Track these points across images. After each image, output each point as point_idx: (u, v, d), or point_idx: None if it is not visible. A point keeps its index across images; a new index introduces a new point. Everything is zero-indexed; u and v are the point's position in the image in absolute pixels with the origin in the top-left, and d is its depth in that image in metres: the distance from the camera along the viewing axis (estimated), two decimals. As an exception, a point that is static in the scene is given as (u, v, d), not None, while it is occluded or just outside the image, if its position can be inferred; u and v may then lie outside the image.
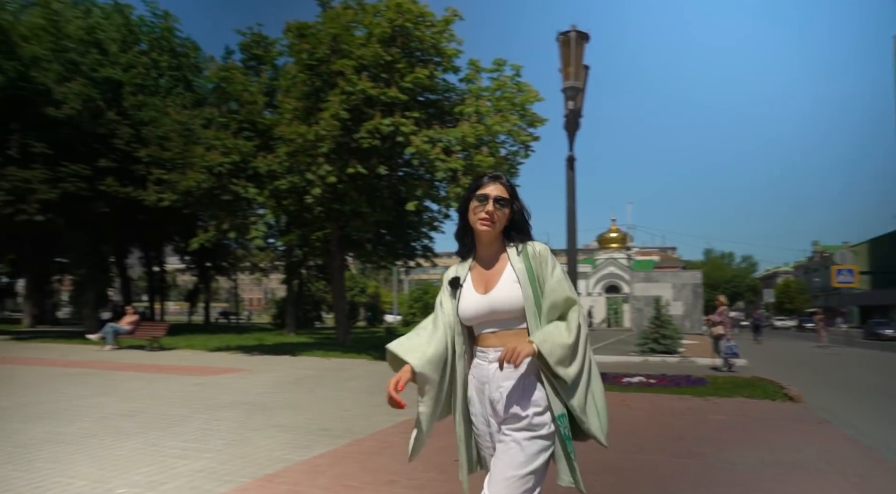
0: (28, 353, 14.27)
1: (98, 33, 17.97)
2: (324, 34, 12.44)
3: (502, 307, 1.89)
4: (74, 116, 16.03)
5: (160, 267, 31.79)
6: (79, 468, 4.28)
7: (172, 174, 13.12)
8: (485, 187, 1.94)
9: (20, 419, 6.07)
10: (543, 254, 1.94)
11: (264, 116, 13.78)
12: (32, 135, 15.60)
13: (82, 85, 16.05)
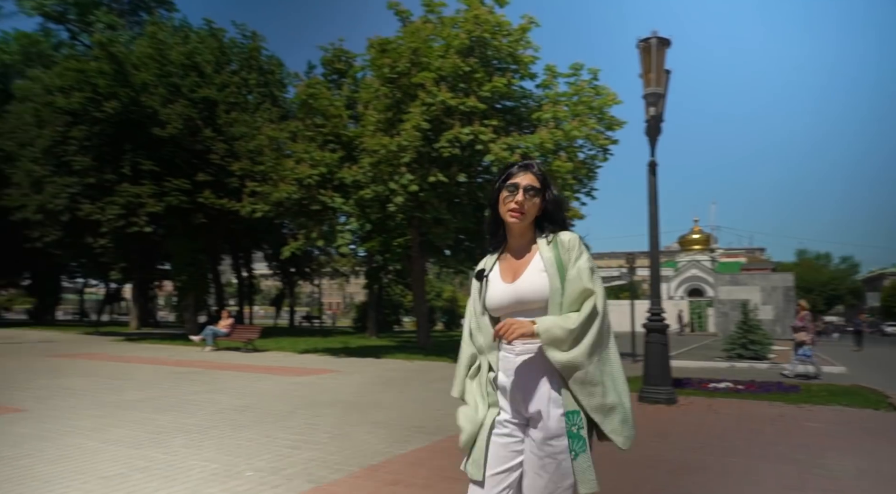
0: (141, 353, 15.65)
1: (196, 57, 19.49)
2: (404, 48, 13.03)
3: (528, 297, 1.82)
4: (176, 134, 17.51)
5: (249, 273, 33.72)
6: (208, 453, 4.86)
7: (265, 186, 14.09)
8: (515, 177, 1.87)
9: (150, 410, 6.85)
10: (572, 242, 1.85)
11: (348, 128, 14.51)
12: (142, 154, 17.19)
13: (183, 106, 17.51)
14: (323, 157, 13.41)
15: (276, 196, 13.43)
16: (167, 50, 18.69)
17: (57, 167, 18.07)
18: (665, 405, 7.49)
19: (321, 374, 11.19)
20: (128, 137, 17.37)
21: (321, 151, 13.70)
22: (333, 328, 37.49)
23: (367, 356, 15.48)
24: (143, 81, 17.29)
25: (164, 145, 17.58)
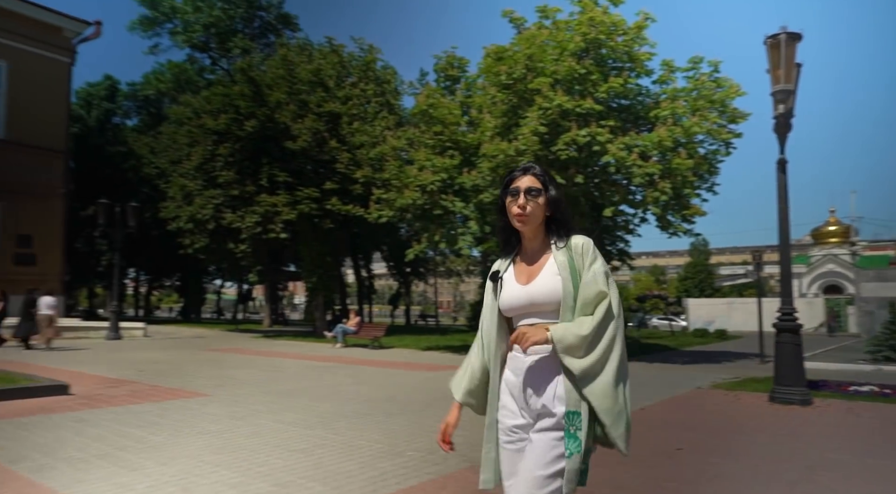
0: (282, 348, 17.32)
1: (321, 74, 21.16)
2: (520, 55, 13.49)
3: (541, 298, 1.84)
4: (306, 147, 19.18)
5: (368, 274, 35.73)
6: (371, 435, 5.65)
7: (390, 193, 15.14)
8: (517, 181, 1.91)
9: (308, 398, 7.86)
10: (586, 247, 1.86)
11: (465, 133, 15.19)
12: (277, 166, 19.03)
13: (312, 120, 19.15)
14: (443, 163, 14.20)
15: (400, 202, 14.41)
16: (296, 69, 20.49)
17: (206, 182, 20.41)
18: (799, 407, 7.42)
19: (449, 370, 11.94)
20: (265, 152, 19.30)
21: (441, 157, 14.50)
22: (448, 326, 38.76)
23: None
24: (276, 100, 19.12)
25: (296, 157, 19.33)
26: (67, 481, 3.97)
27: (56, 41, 24.67)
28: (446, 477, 4.28)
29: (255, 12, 33.52)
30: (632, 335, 29.11)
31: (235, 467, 4.41)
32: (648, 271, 74.15)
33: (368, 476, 4.25)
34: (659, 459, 4.89)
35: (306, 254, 21.51)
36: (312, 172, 19.93)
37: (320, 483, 4.06)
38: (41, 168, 24.13)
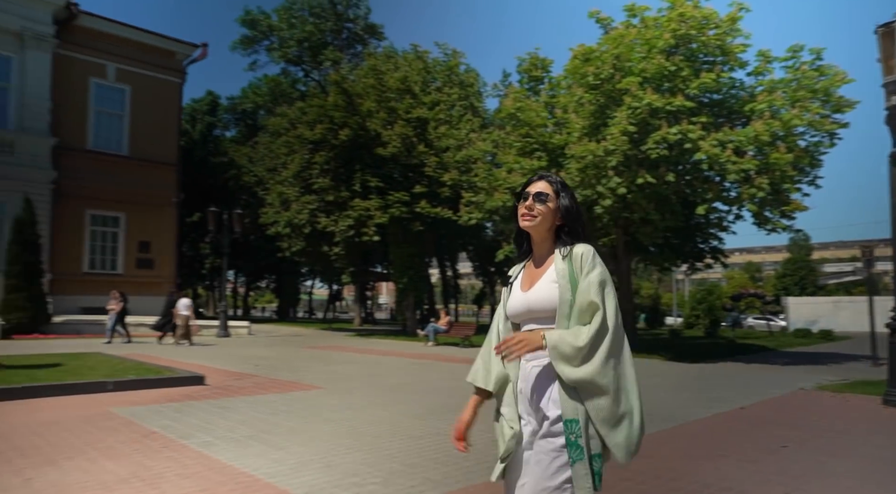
0: (376, 346, 18.19)
1: (408, 81, 21.96)
2: (607, 55, 13.56)
3: (537, 305, 1.88)
4: (396, 153, 20.01)
5: (454, 274, 36.43)
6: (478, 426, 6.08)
7: (479, 196, 15.60)
8: (530, 186, 1.98)
9: (413, 392, 8.43)
10: (585, 256, 1.87)
11: (551, 134, 15.38)
12: (369, 172, 19.99)
13: (401, 126, 19.95)
14: (531, 164, 14.48)
15: (490, 205, 14.83)
16: (384, 78, 21.40)
17: (303, 189, 21.71)
18: (917, 410, 7.19)
19: (540, 368, 12.25)
20: (357, 159, 20.31)
21: (528, 159, 14.78)
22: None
23: (575, 353, 16.26)
24: (367, 109, 20.07)
25: (386, 163, 20.20)
26: (232, 456, 4.67)
27: (169, 64, 26.98)
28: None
29: (343, 24, 35.10)
30: (725, 334, 28.09)
31: (365, 449, 4.97)
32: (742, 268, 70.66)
33: (486, 464, 4.68)
34: (762, 455, 5.02)
35: (397, 256, 22.39)
36: (402, 176, 20.75)
37: (443, 465, 4.54)
38: (157, 180, 26.49)
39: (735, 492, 4.01)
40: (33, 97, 22.70)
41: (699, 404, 7.77)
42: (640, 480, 4.23)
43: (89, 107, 24.90)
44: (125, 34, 25.59)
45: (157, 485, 3.86)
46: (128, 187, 25.44)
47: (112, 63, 25.33)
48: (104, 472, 4.13)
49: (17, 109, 22.61)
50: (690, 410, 7.25)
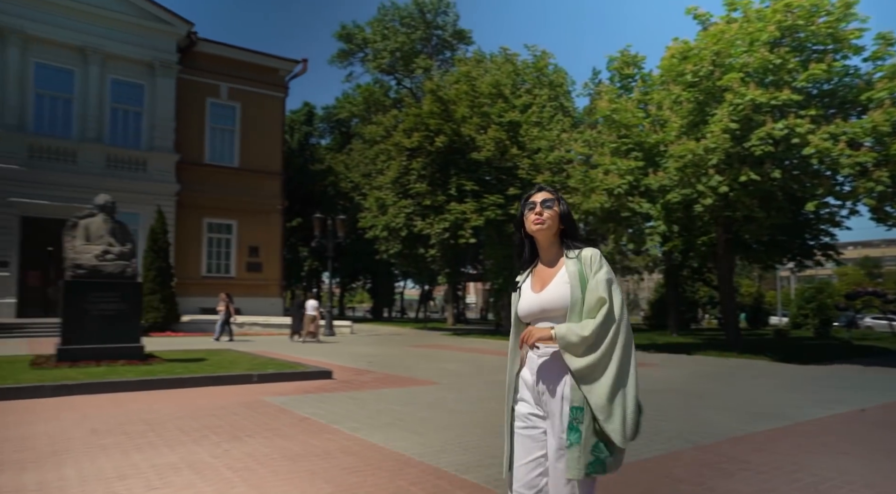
0: (474, 345, 18.79)
1: (500, 86, 22.47)
2: (706, 52, 13.43)
3: (551, 305, 2.04)
4: (490, 157, 20.56)
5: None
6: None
7: (575, 197, 15.83)
8: (532, 197, 2.20)
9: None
10: (593, 257, 2.06)
11: (647, 133, 15.34)
12: (464, 176, 20.67)
13: (495, 131, 20.49)
14: (628, 165, 14.56)
15: (586, 206, 15.03)
16: (477, 83, 22.02)
17: (401, 194, 22.73)
18: None
19: (642, 367, 12.33)
20: (452, 164, 21.05)
21: (625, 160, 14.86)
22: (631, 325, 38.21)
23: (676, 353, 16.11)
24: (461, 115, 20.76)
25: (481, 167, 20.81)
26: (380, 438, 5.35)
27: (273, 80, 28.97)
28: (670, 455, 4.98)
29: (433, 32, 36.17)
30: (840, 335, 26.52)
31: (494, 436, 5.52)
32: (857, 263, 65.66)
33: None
34: (886, 456, 5.11)
35: (492, 257, 22.93)
36: (496, 179, 21.26)
37: (569, 452, 5.00)
38: (264, 189, 28.54)
39: (859, 485, 4.20)
40: (161, 119, 25.14)
41: (813, 404, 7.75)
42: (760, 470, 4.50)
43: (206, 124, 27.23)
44: (236, 56, 27.77)
45: (328, 459, 4.58)
46: (239, 196, 27.60)
47: (225, 83, 27.56)
48: (281, 448, 4.91)
49: (147, 130, 25.15)
50: (804, 409, 7.28)
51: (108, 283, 9.44)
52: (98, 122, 24.09)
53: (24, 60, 22.88)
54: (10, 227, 22.19)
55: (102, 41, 24.03)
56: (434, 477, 4.17)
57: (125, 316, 9.59)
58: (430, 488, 3.92)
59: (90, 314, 9.28)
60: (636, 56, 20.75)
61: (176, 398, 7.31)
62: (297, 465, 4.40)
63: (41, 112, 23.39)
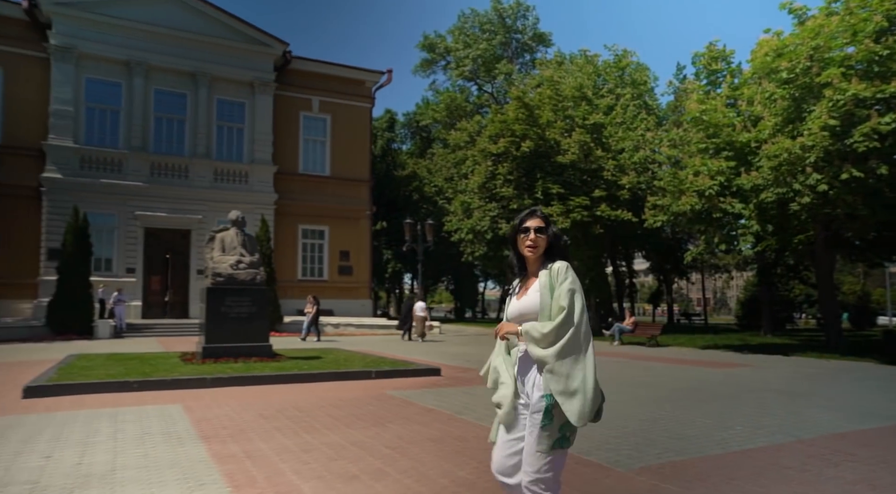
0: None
1: (583, 88, 22.76)
2: (802, 49, 13.27)
3: (526, 310, 2.44)
4: (575, 159, 20.92)
5: (629, 272, 36.26)
6: (695, 415, 6.89)
7: (665, 199, 15.96)
8: (526, 222, 2.52)
9: (618, 384, 9.36)
10: (560, 270, 2.42)
11: (738, 132, 15.26)
12: (549, 180, 21.12)
13: (579, 133, 20.82)
14: (718, 166, 14.57)
15: (676, 208, 15.15)
16: (560, 87, 22.42)
17: (487, 198, 23.47)
18: None
19: (736, 367, 12.44)
20: (538, 167, 21.55)
21: (715, 160, 14.87)
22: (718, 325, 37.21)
23: (772, 354, 15.89)
24: (546, 119, 21.24)
25: (566, 170, 21.20)
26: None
27: (360, 92, 30.51)
28: (774, 446, 5.38)
29: (512, 36, 36.79)
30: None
31: (605, 426, 6.09)
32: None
33: (715, 440, 5.56)
34: None
35: (578, 258, 23.23)
36: (581, 181, 21.57)
37: (678, 438, 5.50)
38: (353, 196, 30.08)
39: (965, 476, 4.48)
40: (260, 133, 27.14)
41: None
42: (867, 462, 4.85)
43: (299, 136, 29.08)
44: (326, 71, 29.48)
45: (466, 442, 5.33)
46: (330, 203, 29.27)
47: (316, 96, 29.31)
48: (421, 432, 5.72)
49: (248, 144, 27.20)
50: (914, 410, 7.37)
51: (241, 289, 10.71)
52: (206, 139, 26.32)
53: (147, 88, 25.40)
54: (136, 237, 24.67)
55: (210, 65, 26.24)
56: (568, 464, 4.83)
57: (256, 318, 10.83)
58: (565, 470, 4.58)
59: (228, 316, 10.57)
60: (724, 50, 20.41)
61: (311, 391, 8.34)
62: (441, 446, 5.18)
63: (160, 133, 25.86)
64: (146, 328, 21.65)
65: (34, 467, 4.43)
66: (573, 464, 4.61)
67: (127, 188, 24.46)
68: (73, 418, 6.28)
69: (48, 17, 23.65)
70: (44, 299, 22.65)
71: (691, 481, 4.25)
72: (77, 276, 19.85)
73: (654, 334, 19.03)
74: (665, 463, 4.70)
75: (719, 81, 19.76)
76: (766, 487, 4.12)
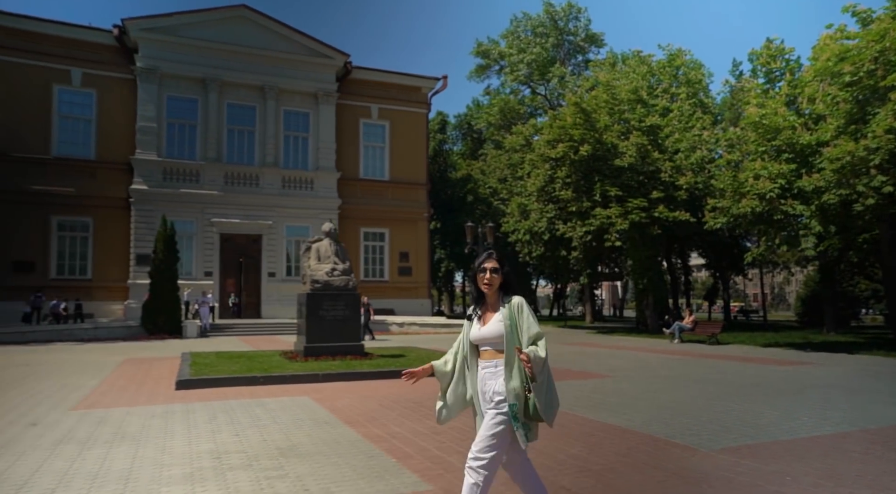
0: (624, 343, 19.85)
1: (639, 92, 23.33)
2: (867, 53, 13.60)
3: (489, 336, 3.03)
4: (632, 162, 21.56)
5: (684, 270, 36.41)
6: (762, 407, 7.67)
7: (724, 201, 16.47)
8: (484, 263, 3.09)
9: (689, 381, 10.14)
10: (519, 305, 3.05)
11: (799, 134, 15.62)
12: (607, 182, 21.81)
13: (636, 137, 21.44)
14: (778, 169, 15.03)
15: (736, 210, 15.66)
16: (616, 91, 23.08)
17: (547, 201, 24.33)
18: None
19: (800, 365, 12.94)
20: (596, 170, 22.27)
21: (775, 163, 15.31)
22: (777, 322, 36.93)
23: (834, 352, 16.09)
24: (604, 124, 21.94)
25: (623, 172, 21.84)
26: (594, 416, 7.02)
27: (417, 98, 31.75)
28: (838, 434, 6.15)
29: (564, 37, 37.43)
30: None
31: (685, 416, 6.97)
32: None
33: (784, 428, 6.38)
34: None
35: (636, 258, 23.85)
36: (638, 183, 22.18)
37: (751, 428, 6.34)
38: (411, 199, 31.35)
39: None
40: (324, 142, 28.70)
41: None
42: (922, 446, 5.60)
43: (360, 143, 30.52)
44: (384, 79, 30.84)
45: (568, 428, 6.30)
46: (390, 207, 30.63)
47: (375, 104, 30.71)
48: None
49: (313, 152, 28.79)
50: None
51: (336, 294, 11.96)
52: (275, 149, 28.04)
53: (220, 103, 27.27)
54: (213, 243, 26.55)
55: (277, 79, 27.92)
56: (651, 441, 5.76)
57: (350, 320, 12.09)
58: (651, 447, 5.52)
59: (325, 319, 11.84)
60: (782, 47, 20.43)
61: (403, 385, 9.44)
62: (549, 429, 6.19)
63: (232, 144, 27.70)
64: (227, 327, 23.39)
65: (230, 441, 5.66)
66: (664, 446, 5.55)
67: (204, 197, 26.37)
68: (228, 406, 7.56)
69: (135, 42, 25.72)
70: (133, 301, 24.79)
71: (766, 459, 5.12)
72: (167, 280, 21.68)
73: (713, 332, 19.49)
74: (741, 446, 5.58)
75: (778, 78, 19.90)
76: (832, 465, 4.95)
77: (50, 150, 25.34)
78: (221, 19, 27.28)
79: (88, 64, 25.81)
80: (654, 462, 5.04)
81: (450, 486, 4.33)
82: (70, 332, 20.90)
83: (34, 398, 8.34)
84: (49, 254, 25.16)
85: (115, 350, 16.28)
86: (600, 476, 4.64)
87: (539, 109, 39.04)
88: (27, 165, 24.77)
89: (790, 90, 18.42)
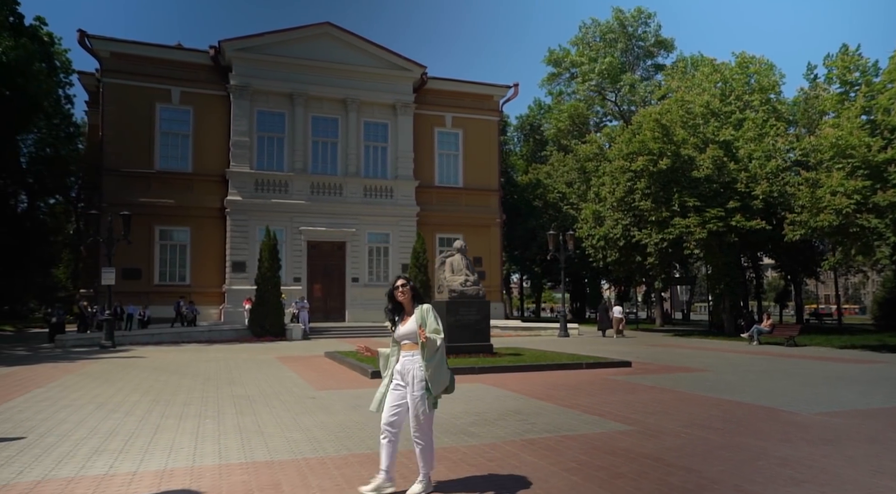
0: (704, 345, 22.56)
1: (711, 106, 26.10)
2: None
3: (407, 332, 4.70)
4: (709, 174, 24.39)
5: (756, 273, 38.86)
6: (846, 396, 10.62)
7: (803, 215, 19.16)
8: (397, 282, 4.78)
9: (779, 376, 13.09)
10: (426, 310, 4.74)
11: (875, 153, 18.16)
12: (685, 193, 24.67)
13: (712, 150, 24.24)
14: (855, 185, 17.68)
15: (814, 224, 18.33)
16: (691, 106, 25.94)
17: (625, 210, 27.33)
18: None
19: (875, 363, 15.61)
20: (674, 182, 25.15)
21: (851, 180, 17.95)
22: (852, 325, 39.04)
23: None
24: (681, 137, 24.80)
25: (701, 184, 24.68)
26: (722, 395, 10.11)
27: (489, 106, 35.03)
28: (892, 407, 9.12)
29: (634, 43, 40.19)
30: None
31: (782, 395, 9.98)
32: None
33: (861, 403, 9.35)
34: None
35: (713, 265, 26.64)
36: (715, 193, 24.96)
37: (834, 402, 9.35)
38: (484, 205, 34.63)
39: None
40: (402, 151, 32.21)
41: None
42: (960, 414, 8.55)
43: (435, 151, 33.94)
44: (458, 88, 34.20)
45: (697, 404, 9.43)
46: (464, 213, 33.97)
47: (449, 113, 34.10)
48: (659, 398, 9.84)
49: (392, 161, 32.35)
50: None
51: (469, 301, 15.29)
52: (356, 158, 31.67)
53: (306, 116, 31.02)
54: (301, 250, 30.33)
55: (358, 92, 31.54)
56: (763, 409, 8.84)
57: (481, 323, 15.40)
58: (765, 413, 8.58)
59: (460, 322, 15.17)
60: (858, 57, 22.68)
61: (548, 377, 12.65)
62: (678, 407, 9.33)
63: (316, 156, 31.45)
64: (324, 330, 27.07)
65: (476, 407, 8.96)
66: (775, 412, 8.63)
67: (292, 206, 30.14)
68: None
69: (230, 61, 29.63)
70: (229, 305, 28.70)
71: (852, 417, 8.16)
72: (272, 286, 25.41)
73: (791, 334, 22.20)
74: (831, 411, 8.62)
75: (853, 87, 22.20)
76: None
77: (153, 164, 29.44)
78: (307, 37, 31.02)
79: (186, 82, 29.83)
80: (772, 418, 8.15)
81: (645, 429, 7.51)
82: (189, 334, 24.84)
83: (280, 383, 11.85)
84: (153, 261, 29.27)
85: (248, 350, 19.96)
86: (740, 422, 7.78)
87: (609, 116, 41.89)
88: (135, 179, 28.91)
89: (866, 102, 20.74)
